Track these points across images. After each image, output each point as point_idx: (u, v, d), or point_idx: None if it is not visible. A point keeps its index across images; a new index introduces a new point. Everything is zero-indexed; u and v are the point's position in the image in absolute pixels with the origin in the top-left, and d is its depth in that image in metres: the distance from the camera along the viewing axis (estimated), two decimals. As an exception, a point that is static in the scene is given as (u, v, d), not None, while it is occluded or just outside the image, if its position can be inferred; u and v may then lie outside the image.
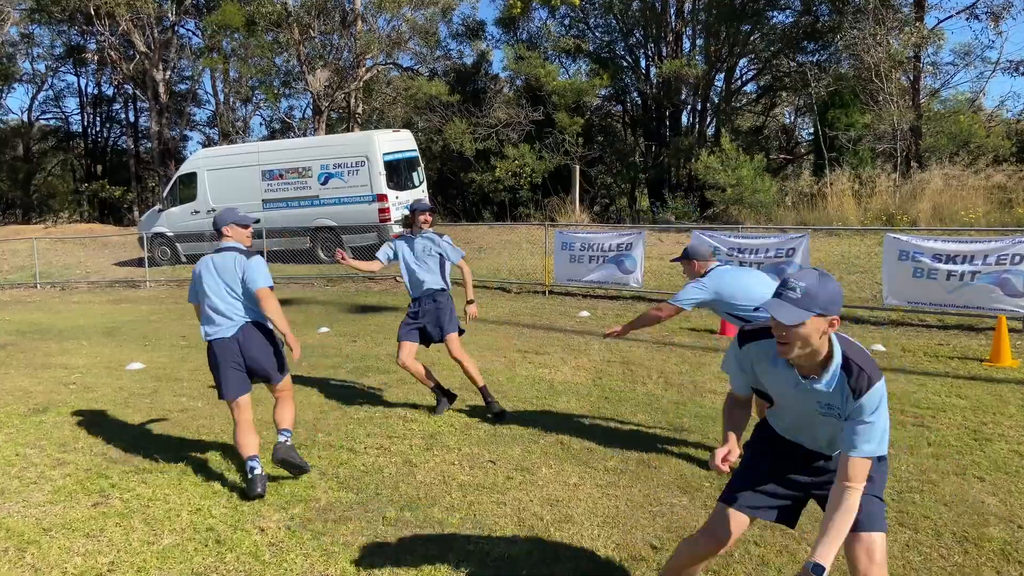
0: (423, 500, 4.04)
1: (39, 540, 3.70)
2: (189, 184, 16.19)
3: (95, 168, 33.51)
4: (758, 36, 19.79)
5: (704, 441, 4.85)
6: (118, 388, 6.75)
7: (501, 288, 12.29)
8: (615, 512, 3.81)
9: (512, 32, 23.84)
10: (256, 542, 3.61)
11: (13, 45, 31.37)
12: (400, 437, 5.15)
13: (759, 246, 9.31)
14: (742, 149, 16.08)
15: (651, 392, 6.10)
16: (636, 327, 4.64)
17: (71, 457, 4.91)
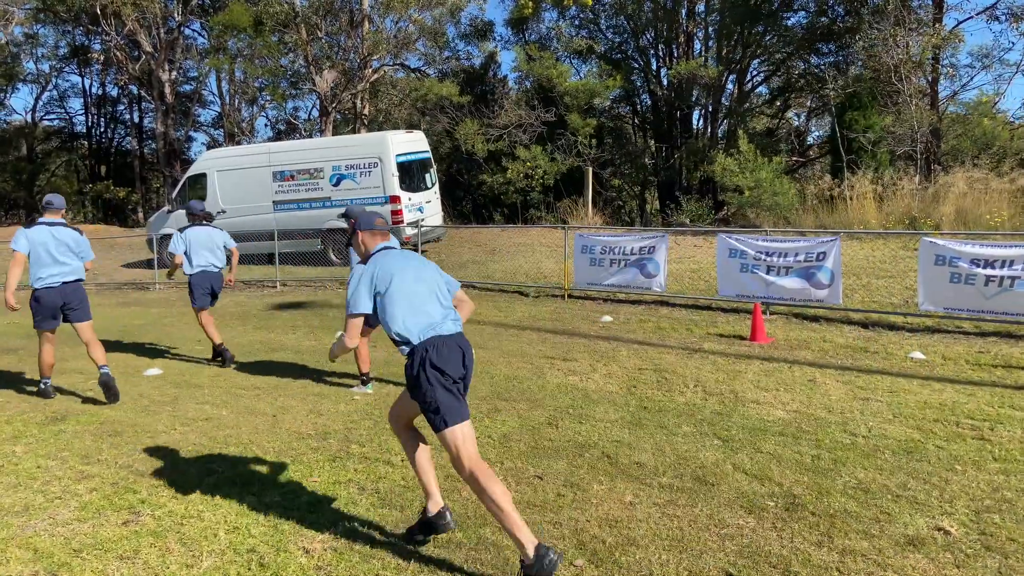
0: (472, 519, 3.83)
1: (70, 563, 3.49)
2: (198, 185, 15.98)
3: (99, 169, 33.35)
4: (772, 37, 19.60)
5: (757, 455, 4.64)
6: (137, 395, 6.54)
7: (519, 292, 12.08)
8: (680, 534, 3.59)
9: (521, 33, 23.67)
10: (302, 565, 3.40)
11: (17, 45, 31.22)
12: (437, 449, 4.91)
13: (788, 250, 9.09)
14: (758, 151, 15.88)
15: (691, 402, 5.89)
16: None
17: (95, 470, 4.70)
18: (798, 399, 5.87)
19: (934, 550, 3.44)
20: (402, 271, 3.56)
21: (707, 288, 10.72)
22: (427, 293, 3.56)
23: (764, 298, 9.10)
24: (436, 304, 3.55)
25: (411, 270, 3.60)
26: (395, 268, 3.57)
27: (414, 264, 3.66)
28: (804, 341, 7.98)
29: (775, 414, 5.49)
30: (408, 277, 3.56)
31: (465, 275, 13.45)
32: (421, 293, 3.54)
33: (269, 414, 5.84)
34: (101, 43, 28.22)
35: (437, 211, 16.19)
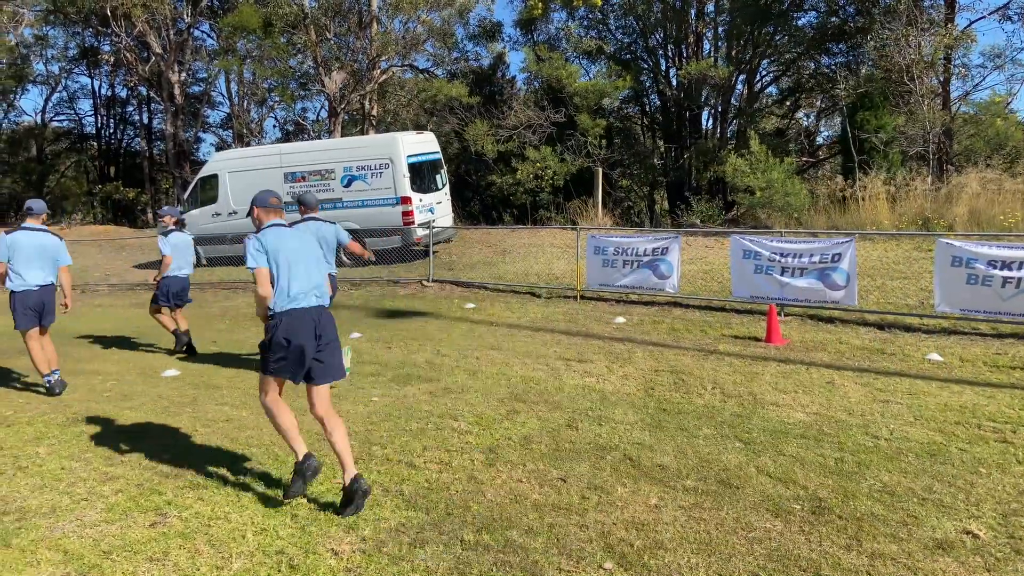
0: (499, 521, 3.84)
1: (100, 564, 3.51)
2: (210, 186, 16.04)
3: (109, 170, 33.50)
4: (783, 37, 19.55)
5: (780, 457, 4.64)
6: (156, 396, 6.57)
7: (531, 293, 12.08)
8: (707, 538, 3.59)
9: (530, 34, 23.68)
10: (332, 567, 3.41)
11: (27, 47, 31.39)
12: (458, 451, 4.95)
13: (803, 251, 9.07)
14: (769, 152, 15.85)
15: (710, 404, 5.88)
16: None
17: (120, 471, 4.72)
18: (817, 401, 5.86)
19: (963, 554, 3.43)
20: (284, 247, 4.18)
21: (720, 289, 10.70)
22: (302, 270, 4.21)
23: (779, 299, 9.08)
24: (306, 279, 4.20)
25: (292, 247, 4.21)
26: (279, 244, 4.18)
27: (296, 242, 4.26)
28: (820, 343, 7.96)
29: (795, 416, 5.48)
30: (289, 253, 4.19)
31: (476, 276, 13.48)
32: (296, 269, 4.19)
33: (289, 415, 5.85)
34: (111, 44, 28.33)
35: (448, 212, 16.21)
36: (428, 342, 8.66)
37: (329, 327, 4.26)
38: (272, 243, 4.16)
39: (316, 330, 4.15)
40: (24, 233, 6.74)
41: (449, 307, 11.21)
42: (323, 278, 4.37)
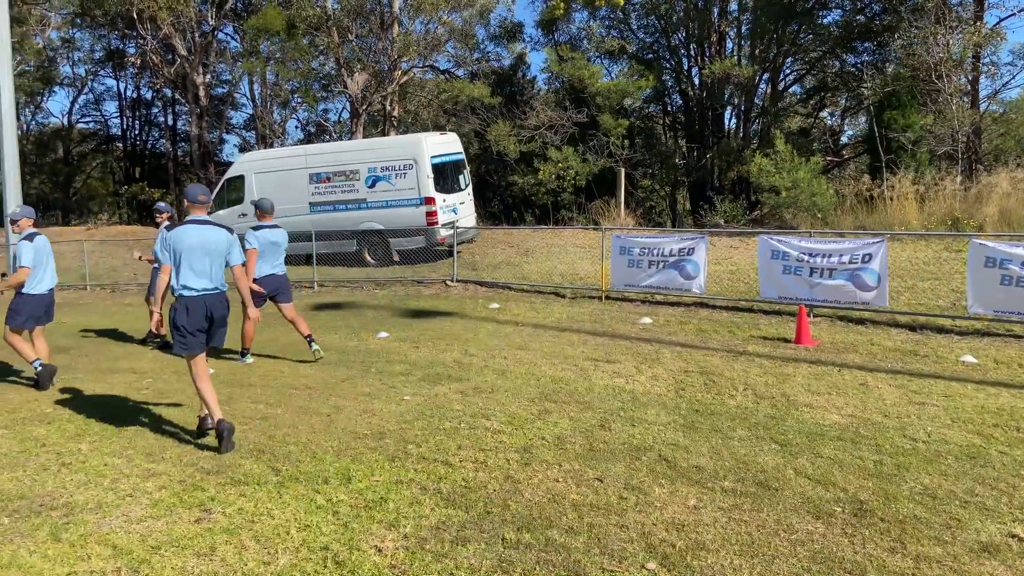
0: (538, 520, 3.87)
1: (150, 559, 3.58)
2: (237, 187, 16.22)
3: (134, 171, 33.94)
4: (807, 36, 19.39)
5: (818, 459, 4.62)
6: (192, 394, 6.64)
7: (555, 293, 12.10)
8: (749, 539, 3.59)
9: (552, 34, 23.68)
10: (377, 564, 3.46)
11: (54, 49, 31.90)
12: (493, 450, 4.98)
13: (832, 251, 9.00)
14: (794, 151, 15.73)
15: (742, 405, 5.87)
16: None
17: (162, 468, 4.81)
18: (852, 403, 5.82)
19: (1010, 557, 3.40)
20: (190, 241, 5.12)
21: (747, 290, 10.65)
22: (203, 263, 5.18)
23: (808, 300, 9.02)
24: (205, 271, 5.19)
25: (198, 242, 5.15)
26: (186, 237, 5.12)
27: (202, 238, 5.17)
28: (851, 344, 7.90)
29: (830, 418, 5.46)
30: (194, 247, 5.13)
31: (500, 276, 13.52)
32: (198, 261, 5.15)
33: (324, 413, 5.93)
34: (136, 47, 28.74)
35: (471, 212, 16.27)
36: (455, 342, 8.70)
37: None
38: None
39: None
40: (41, 238, 7.29)
41: (474, 307, 11.26)
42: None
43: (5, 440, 5.48)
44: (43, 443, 5.39)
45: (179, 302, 5.17)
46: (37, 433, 5.63)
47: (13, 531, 3.92)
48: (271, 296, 8.05)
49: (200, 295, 5.20)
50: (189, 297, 5.17)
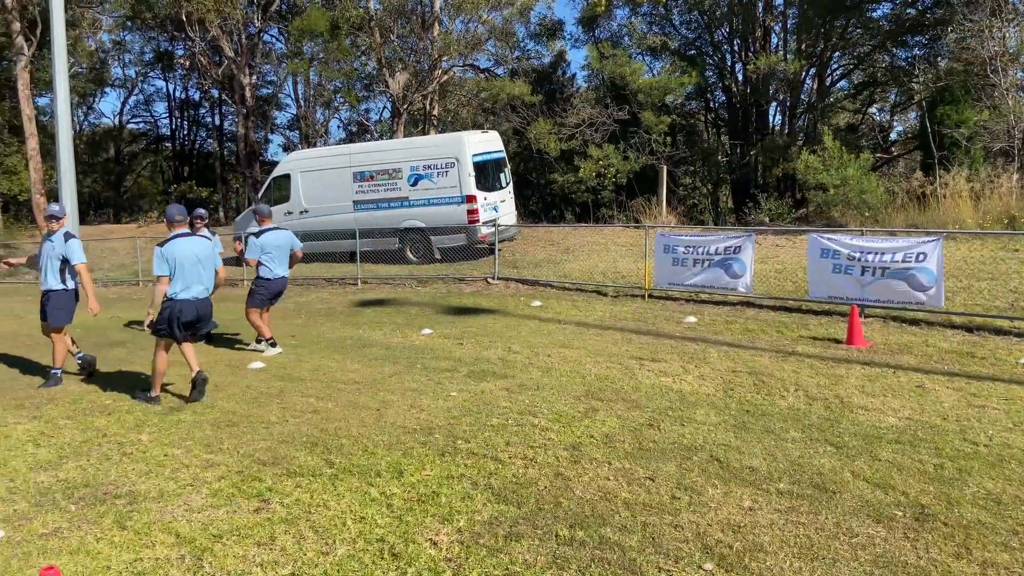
0: (591, 518, 3.86)
1: (212, 547, 3.68)
2: (283, 186, 16.51)
3: (182, 170, 34.81)
4: (856, 30, 18.93)
5: (875, 462, 4.52)
6: (245, 387, 6.83)
7: (597, 291, 12.05)
8: (808, 542, 3.54)
9: (592, 31, 23.56)
10: (432, 557, 3.50)
11: (105, 51, 32.89)
12: (541, 447, 4.99)
13: (885, 249, 8.79)
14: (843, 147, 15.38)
15: (794, 406, 5.77)
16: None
17: (219, 458, 4.93)
18: (909, 405, 5.68)
19: (1083, 567, 3.29)
20: (182, 252, 6.22)
21: (795, 289, 10.46)
22: (193, 269, 6.29)
23: (859, 300, 8.82)
24: (196, 277, 6.32)
25: (189, 252, 6.26)
26: (178, 250, 6.21)
27: (193, 248, 6.30)
28: (905, 345, 7.71)
29: (887, 421, 5.33)
30: (186, 256, 6.23)
31: (541, 274, 13.52)
32: (189, 268, 6.25)
33: (372, 408, 6.02)
34: (185, 49, 29.47)
35: (511, 210, 16.30)
36: (498, 339, 8.73)
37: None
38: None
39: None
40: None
41: (516, 304, 11.27)
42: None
43: (69, 430, 5.68)
44: (104, 433, 5.58)
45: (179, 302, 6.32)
46: (98, 424, 5.82)
47: (80, 518, 4.07)
48: (273, 297, 8.54)
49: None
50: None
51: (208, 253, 6.50)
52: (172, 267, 6.19)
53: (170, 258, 6.17)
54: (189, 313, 6.30)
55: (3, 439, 5.45)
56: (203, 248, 6.44)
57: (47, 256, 7.08)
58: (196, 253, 6.32)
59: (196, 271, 6.29)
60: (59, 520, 4.01)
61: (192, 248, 6.31)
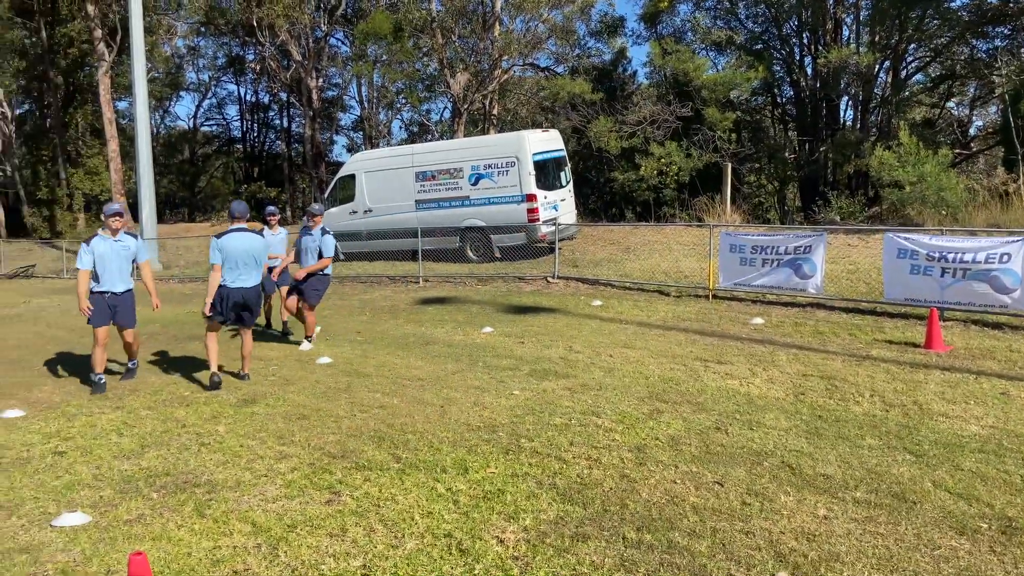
0: (659, 521, 3.82)
1: (287, 537, 3.79)
2: (348, 186, 16.88)
3: (252, 171, 36.01)
4: (933, 21, 18.10)
5: (958, 472, 4.32)
6: (314, 382, 7.01)
7: (659, 291, 11.90)
8: (887, 553, 3.41)
9: (655, 27, 23.25)
10: (499, 554, 3.52)
11: (181, 57, 34.26)
12: (606, 448, 4.96)
13: (967, 250, 8.38)
14: (920, 143, 14.73)
15: (870, 412, 5.57)
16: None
17: (292, 450, 5.08)
18: (992, 413, 5.41)
19: None
20: (234, 246, 6.76)
21: (868, 290, 10.10)
22: (243, 262, 6.82)
23: (938, 302, 8.44)
24: (245, 269, 6.86)
25: (240, 246, 6.80)
26: (231, 243, 6.78)
27: (245, 243, 6.84)
28: (988, 350, 7.34)
29: (969, 429, 5.09)
30: (237, 250, 6.78)
31: (601, 273, 13.43)
32: (239, 261, 6.80)
33: (436, 404, 6.09)
34: (255, 53, 30.46)
35: (571, 209, 16.24)
36: (559, 338, 8.71)
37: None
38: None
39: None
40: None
41: (576, 304, 11.23)
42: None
43: (150, 420, 5.95)
44: (183, 424, 5.82)
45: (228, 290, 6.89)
46: (178, 415, 6.08)
47: (162, 505, 4.25)
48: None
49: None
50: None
51: (260, 248, 6.98)
52: (223, 258, 6.74)
53: (223, 249, 6.71)
54: (235, 298, 6.86)
55: (89, 428, 5.75)
56: (255, 244, 6.93)
57: (121, 257, 6.89)
58: (247, 248, 6.86)
59: (246, 264, 6.85)
60: (142, 507, 4.21)
61: (244, 243, 6.84)
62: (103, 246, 6.79)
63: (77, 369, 8.02)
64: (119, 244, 6.87)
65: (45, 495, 4.41)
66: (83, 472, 4.77)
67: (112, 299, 6.89)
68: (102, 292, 6.83)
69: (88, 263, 6.72)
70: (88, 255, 6.73)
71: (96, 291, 6.81)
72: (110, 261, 6.80)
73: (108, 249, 6.79)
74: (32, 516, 4.12)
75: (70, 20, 25.56)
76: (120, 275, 6.91)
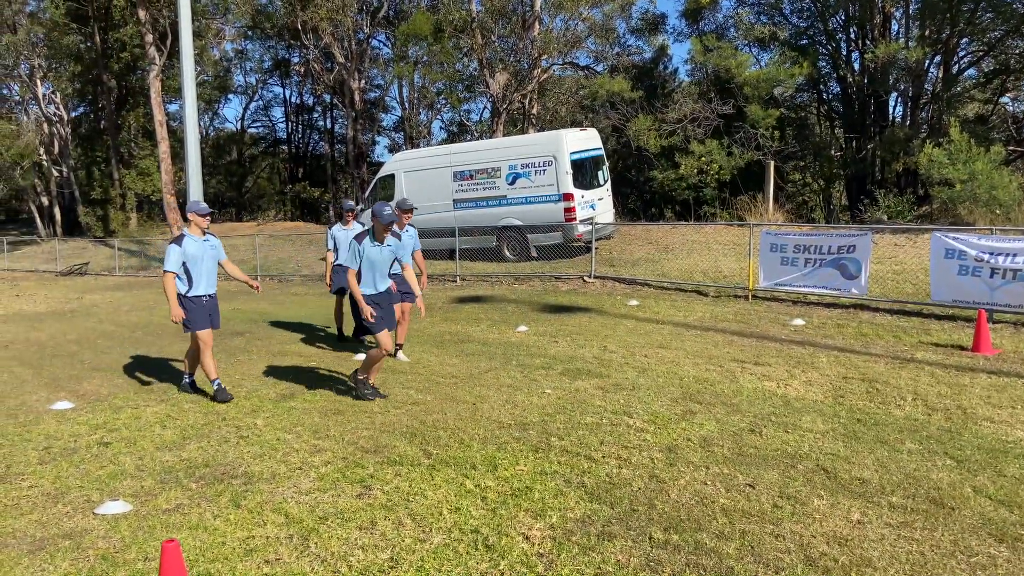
0: (687, 522, 3.79)
1: (318, 529, 3.87)
2: (388, 185, 17.09)
3: (297, 171, 36.71)
4: (986, 14, 17.46)
5: (1000, 478, 4.18)
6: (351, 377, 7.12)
7: (697, 291, 11.75)
8: (921, 559, 3.32)
9: (696, 24, 22.97)
10: (525, 551, 3.54)
11: (228, 60, 35.13)
12: (636, 448, 4.93)
13: (1018, 250, 8.08)
14: (971, 140, 14.23)
15: (911, 416, 5.42)
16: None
17: (326, 444, 5.18)
18: (1043, 420, 5.21)
19: None
20: (371, 247, 6.17)
21: (915, 292, 9.82)
22: (382, 264, 6.21)
23: (988, 305, 8.16)
24: (381, 272, 6.23)
25: (377, 248, 6.25)
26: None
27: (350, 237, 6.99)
28: (1040, 354, 7.07)
29: (1015, 434, 4.92)
30: (374, 252, 6.13)
31: (638, 273, 13.33)
32: (377, 263, 6.17)
33: (468, 402, 6.14)
34: (300, 56, 31.06)
35: (609, 208, 16.15)
36: (594, 338, 8.68)
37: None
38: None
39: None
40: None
41: (612, 304, 11.17)
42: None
43: (192, 413, 6.13)
44: (224, 417, 5.98)
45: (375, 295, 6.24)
46: (219, 408, 6.25)
47: (200, 496, 4.38)
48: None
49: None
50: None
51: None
52: (360, 263, 6.18)
53: (363, 253, 6.05)
54: (385, 300, 6.42)
55: (134, 420, 5.95)
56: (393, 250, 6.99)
57: (210, 257, 6.50)
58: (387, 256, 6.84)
59: (377, 263, 6.76)
60: (180, 497, 4.34)
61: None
62: (194, 246, 6.35)
63: (125, 363, 8.31)
64: (207, 243, 6.47)
65: (89, 484, 4.59)
66: (126, 462, 4.95)
67: (208, 302, 6.48)
68: (199, 296, 6.40)
69: (177, 265, 6.29)
70: (178, 256, 6.28)
71: (192, 295, 6.37)
72: (202, 261, 6.39)
73: (199, 249, 6.37)
74: (76, 504, 4.29)
75: (123, 25, 26.43)
76: (211, 276, 6.51)
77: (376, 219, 5.99)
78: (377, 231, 6.06)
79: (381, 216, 5.95)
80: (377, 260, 6.13)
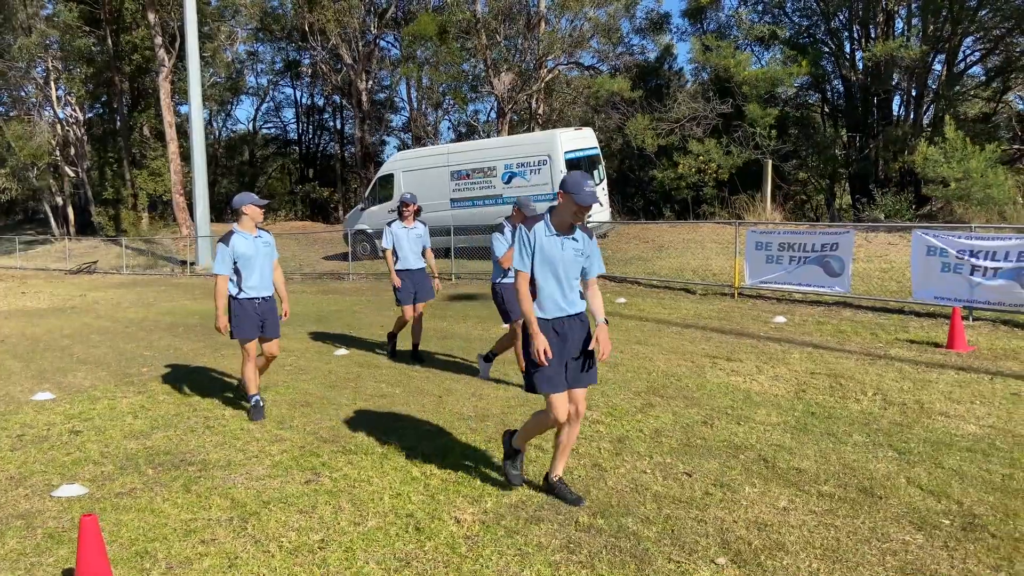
0: (616, 508, 3.87)
1: (259, 512, 4.00)
2: (387, 185, 17.28)
3: (307, 171, 37.06)
4: (990, 12, 17.30)
5: (937, 470, 4.22)
6: (327, 372, 7.28)
7: (685, 289, 11.79)
8: (835, 544, 3.38)
9: (699, 23, 22.94)
10: (453, 533, 3.64)
11: (241, 62, 35.55)
12: (588, 439, 5.01)
13: (998, 248, 8.06)
14: (969, 139, 14.12)
15: (867, 410, 5.45)
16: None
17: (287, 434, 5.32)
18: (995, 414, 5.23)
19: None
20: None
21: (899, 290, 9.80)
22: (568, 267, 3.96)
23: (968, 302, 8.15)
24: (569, 283, 3.96)
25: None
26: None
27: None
28: (1012, 351, 7.06)
29: (965, 428, 4.94)
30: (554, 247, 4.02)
31: (629, 271, 13.38)
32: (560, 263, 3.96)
33: (435, 395, 6.25)
34: (309, 58, 31.38)
35: (604, 207, 16.21)
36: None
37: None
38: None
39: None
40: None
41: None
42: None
43: (165, 405, 6.30)
44: (195, 408, 6.14)
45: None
46: (192, 400, 6.42)
47: (155, 481, 4.53)
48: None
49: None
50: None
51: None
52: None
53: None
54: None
55: (109, 410, 6.13)
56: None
57: (264, 255, 5.74)
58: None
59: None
60: (136, 482, 4.49)
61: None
62: (244, 244, 5.59)
63: (112, 357, 8.52)
64: (260, 240, 5.69)
65: (53, 469, 4.76)
66: (92, 450, 5.12)
67: (261, 306, 5.70)
68: (250, 299, 5.65)
69: (228, 267, 5.58)
70: (228, 256, 5.56)
71: (242, 298, 5.64)
72: (255, 261, 5.64)
73: (251, 247, 5.61)
74: (36, 487, 4.46)
75: (134, 28, 26.89)
76: (265, 277, 5.74)
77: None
78: (563, 215, 3.81)
79: (577, 195, 3.72)
80: (559, 259, 3.85)
